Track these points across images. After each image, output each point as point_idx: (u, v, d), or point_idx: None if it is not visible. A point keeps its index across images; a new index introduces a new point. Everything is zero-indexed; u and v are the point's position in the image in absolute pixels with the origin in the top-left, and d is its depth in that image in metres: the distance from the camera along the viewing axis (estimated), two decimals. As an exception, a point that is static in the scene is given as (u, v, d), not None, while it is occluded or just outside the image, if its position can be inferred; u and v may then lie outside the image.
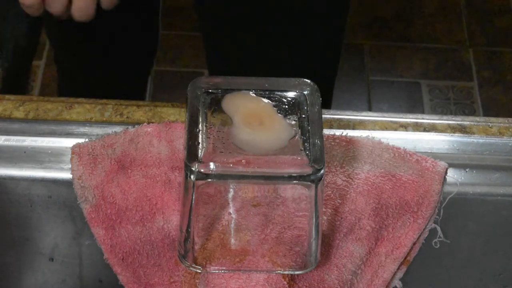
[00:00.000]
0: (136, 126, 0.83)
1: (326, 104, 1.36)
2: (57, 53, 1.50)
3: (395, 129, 0.85)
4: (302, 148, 0.72)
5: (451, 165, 0.82)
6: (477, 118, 0.87)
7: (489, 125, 0.86)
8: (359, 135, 0.83)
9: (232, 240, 0.78)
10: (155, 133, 0.82)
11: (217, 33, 1.28)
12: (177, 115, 0.85)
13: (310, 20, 1.20)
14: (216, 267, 0.78)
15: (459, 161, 0.83)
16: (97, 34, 1.33)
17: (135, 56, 1.44)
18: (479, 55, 2.16)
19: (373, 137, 0.83)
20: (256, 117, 0.73)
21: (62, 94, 1.46)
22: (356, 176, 0.81)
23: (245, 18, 1.21)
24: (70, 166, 0.81)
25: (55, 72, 1.57)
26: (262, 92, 0.75)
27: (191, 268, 0.78)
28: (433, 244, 0.84)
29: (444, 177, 0.82)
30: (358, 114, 0.86)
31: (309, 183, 0.71)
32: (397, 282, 0.86)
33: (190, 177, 0.70)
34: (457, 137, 0.85)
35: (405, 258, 0.84)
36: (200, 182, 0.71)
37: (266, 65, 1.24)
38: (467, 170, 0.83)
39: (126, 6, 1.31)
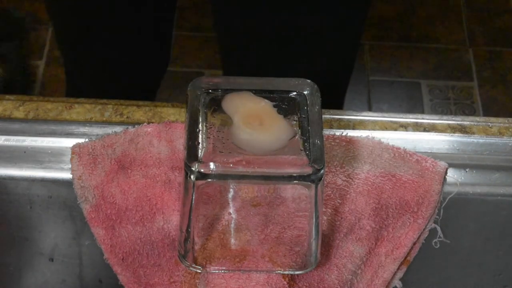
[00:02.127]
0: (136, 126, 0.83)
1: (339, 105, 1.35)
2: (68, 66, 1.49)
3: (395, 129, 0.85)
4: (302, 148, 0.72)
5: (451, 165, 0.82)
6: (477, 118, 0.87)
7: (489, 125, 0.86)
8: (359, 135, 0.83)
9: (232, 240, 0.78)
10: (155, 133, 0.82)
11: (234, 34, 1.28)
12: (177, 115, 0.85)
13: (329, 20, 1.20)
14: (216, 267, 0.78)
15: (459, 161, 0.83)
16: (110, 44, 1.33)
17: (145, 69, 1.44)
18: (479, 55, 2.16)
19: (373, 137, 0.83)
20: (256, 117, 0.73)
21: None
22: (356, 176, 0.81)
23: (263, 20, 1.20)
24: (70, 166, 0.81)
25: (55, 72, 1.57)
26: (262, 92, 0.75)
27: (191, 268, 0.78)
28: (433, 244, 0.84)
29: (444, 177, 0.82)
30: (358, 114, 0.86)
31: (309, 183, 0.71)
32: (397, 282, 0.86)
33: (190, 177, 0.70)
34: (457, 137, 0.85)
35: (405, 258, 0.84)
36: (200, 182, 0.71)
37: (282, 65, 1.24)
38: (467, 170, 0.83)
39: (141, 15, 1.31)
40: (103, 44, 1.33)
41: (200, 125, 0.72)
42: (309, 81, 0.76)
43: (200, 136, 0.72)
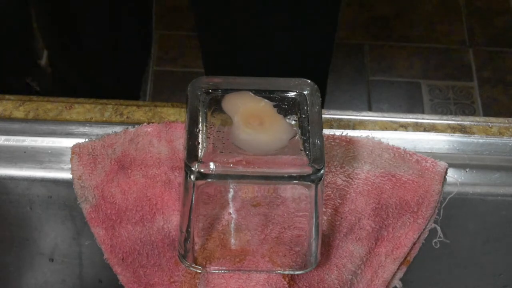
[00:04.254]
0: (136, 126, 0.83)
1: (321, 92, 1.35)
2: (52, 54, 1.51)
3: (395, 129, 0.85)
4: (302, 148, 0.72)
5: (451, 165, 0.82)
6: (477, 118, 0.87)
7: (489, 125, 0.86)
8: (359, 135, 0.83)
9: (232, 240, 0.78)
10: (155, 133, 0.82)
11: (212, 30, 1.28)
12: (177, 115, 0.85)
13: (304, 13, 1.20)
14: (216, 267, 0.78)
15: (459, 161, 0.83)
16: (90, 41, 1.34)
17: (128, 52, 1.44)
18: (479, 55, 2.16)
19: (373, 137, 0.83)
20: (256, 117, 0.73)
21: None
22: (356, 176, 0.81)
23: (240, 16, 1.21)
24: (70, 166, 0.81)
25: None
26: (262, 92, 0.75)
27: (191, 268, 0.78)
28: (433, 244, 0.84)
29: (444, 177, 0.82)
30: (358, 114, 0.86)
31: (309, 183, 0.71)
32: (397, 282, 0.86)
33: (190, 177, 0.70)
34: (457, 137, 0.85)
35: (405, 258, 0.84)
36: (200, 182, 0.71)
37: (260, 62, 1.24)
38: (467, 170, 0.83)
39: (118, 15, 1.33)
40: (83, 40, 1.34)
41: (200, 125, 0.72)
42: (309, 81, 0.76)
43: (200, 136, 0.72)
